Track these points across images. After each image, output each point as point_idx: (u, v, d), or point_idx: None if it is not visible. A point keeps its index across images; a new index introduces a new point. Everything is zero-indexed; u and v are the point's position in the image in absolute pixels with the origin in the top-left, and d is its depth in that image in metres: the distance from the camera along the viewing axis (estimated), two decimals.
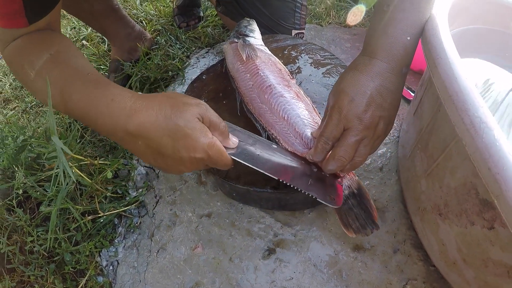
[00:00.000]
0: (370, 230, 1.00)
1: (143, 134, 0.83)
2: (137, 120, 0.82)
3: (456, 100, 0.75)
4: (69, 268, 1.25)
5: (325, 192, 1.00)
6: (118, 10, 1.73)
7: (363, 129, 0.90)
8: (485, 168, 0.67)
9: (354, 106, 0.89)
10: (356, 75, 0.93)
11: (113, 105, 0.84)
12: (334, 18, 2.12)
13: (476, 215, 0.82)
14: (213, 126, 0.89)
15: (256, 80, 1.22)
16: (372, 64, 0.92)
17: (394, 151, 1.42)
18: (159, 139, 0.83)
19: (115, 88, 0.89)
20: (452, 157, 0.88)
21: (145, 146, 0.86)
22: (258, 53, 1.29)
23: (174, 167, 0.90)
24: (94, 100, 0.87)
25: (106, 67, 1.92)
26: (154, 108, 0.83)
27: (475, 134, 0.69)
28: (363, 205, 1.03)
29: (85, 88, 0.89)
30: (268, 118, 1.15)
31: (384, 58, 0.92)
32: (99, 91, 0.88)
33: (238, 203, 1.32)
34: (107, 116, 0.85)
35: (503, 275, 0.81)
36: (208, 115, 0.88)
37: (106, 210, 1.34)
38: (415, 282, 1.13)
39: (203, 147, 0.85)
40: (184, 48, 1.97)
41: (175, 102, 0.85)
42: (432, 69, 0.86)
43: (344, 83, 0.93)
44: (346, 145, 0.91)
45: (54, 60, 0.95)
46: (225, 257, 1.22)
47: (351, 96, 0.90)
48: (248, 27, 1.43)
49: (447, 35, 0.89)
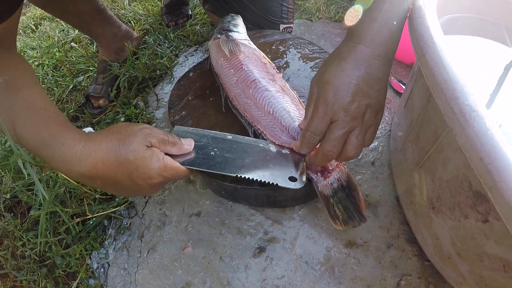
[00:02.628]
0: (358, 222, 0.98)
1: (99, 175, 0.85)
2: (89, 163, 0.84)
3: (445, 88, 0.73)
4: (60, 271, 1.24)
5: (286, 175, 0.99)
6: (103, 10, 1.71)
7: (350, 121, 0.87)
8: (477, 159, 0.65)
9: (340, 98, 0.87)
10: (340, 64, 0.89)
11: (64, 150, 0.85)
12: (324, 13, 2.11)
13: (469, 208, 0.80)
14: (163, 143, 0.92)
15: (240, 75, 1.20)
16: (357, 50, 0.89)
17: (386, 145, 1.41)
18: (114, 176, 0.86)
19: (65, 131, 0.88)
20: (444, 149, 0.87)
21: (103, 184, 0.88)
22: (241, 48, 1.27)
23: (137, 193, 0.96)
24: (45, 144, 0.86)
25: (95, 68, 1.90)
26: (103, 148, 0.85)
27: (466, 123, 0.68)
28: (351, 197, 1.01)
29: (37, 128, 0.88)
30: (253, 113, 1.14)
31: (370, 43, 0.89)
32: (50, 133, 0.87)
33: (228, 201, 1.31)
34: (59, 160, 0.86)
35: (498, 269, 0.79)
36: (154, 135, 0.90)
37: (95, 212, 1.33)
38: (410, 277, 1.12)
39: (157, 172, 0.88)
40: (173, 46, 1.97)
41: (121, 137, 0.87)
42: (420, 58, 0.84)
43: (328, 73, 0.90)
44: (334, 139, 0.89)
45: (7, 87, 0.92)
46: (216, 256, 1.21)
47: (336, 87, 0.87)
48: (232, 22, 1.42)
49: (435, 23, 0.87)
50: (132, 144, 0.86)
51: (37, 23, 2.41)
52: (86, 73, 1.91)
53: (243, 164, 1.00)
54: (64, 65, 1.95)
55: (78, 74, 1.91)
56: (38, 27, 2.36)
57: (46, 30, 2.28)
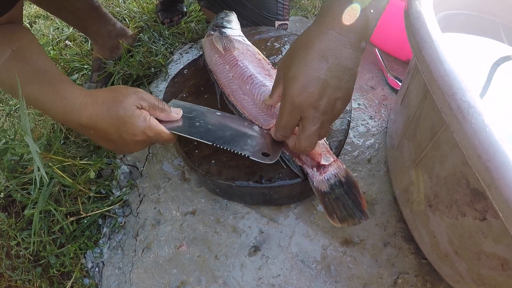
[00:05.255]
0: (358, 220, 0.97)
1: (92, 126, 0.96)
2: (86, 114, 0.95)
3: (442, 84, 0.73)
4: (54, 271, 1.23)
5: (260, 150, 1.03)
6: (98, 8, 1.71)
7: (321, 116, 0.87)
8: (475, 156, 0.64)
9: (308, 95, 0.85)
10: (307, 55, 0.85)
11: (65, 103, 0.97)
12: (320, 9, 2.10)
13: (467, 206, 0.80)
14: (152, 108, 1.01)
15: (236, 71, 1.20)
16: (326, 37, 0.85)
17: (382, 142, 1.40)
18: (105, 128, 0.97)
19: (67, 87, 1.00)
20: (441, 146, 0.86)
21: (96, 134, 0.99)
22: (235, 44, 1.27)
23: (123, 149, 1.04)
24: (49, 100, 0.99)
25: (90, 66, 1.89)
26: (99, 102, 0.96)
27: (463, 119, 0.67)
28: (351, 194, 1.00)
29: (42, 87, 1.00)
30: (250, 109, 1.14)
31: (342, 30, 0.84)
32: (53, 91, 0.99)
33: (223, 199, 1.31)
34: (61, 112, 0.97)
35: (497, 268, 0.79)
36: (146, 99, 1.00)
37: (90, 211, 1.32)
38: (407, 275, 1.11)
39: (142, 130, 0.97)
40: (168, 44, 1.95)
41: (116, 95, 0.98)
42: (417, 53, 0.84)
43: (295, 67, 0.87)
44: (308, 136, 0.90)
45: (16, 57, 1.04)
46: (211, 255, 1.20)
47: (303, 83, 0.85)
48: (225, 19, 1.41)
49: (432, 18, 0.87)
50: (124, 102, 0.96)
51: (32, 21, 2.39)
52: (81, 71, 1.90)
53: (223, 135, 1.06)
54: (58, 63, 1.94)
55: (73, 72, 1.90)
56: (33, 26, 2.34)
57: (40, 28, 2.27)
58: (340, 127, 1.17)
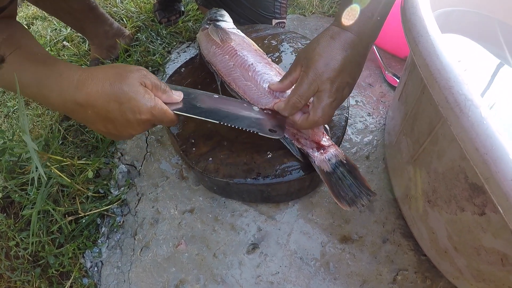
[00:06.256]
0: (366, 199, 1.00)
1: (91, 103, 0.90)
2: (84, 90, 0.90)
3: (438, 78, 0.72)
4: (53, 271, 1.23)
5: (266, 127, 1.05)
6: (95, 8, 1.72)
7: (335, 92, 0.98)
8: (473, 149, 0.64)
9: (329, 70, 0.96)
10: (331, 42, 0.99)
11: (61, 80, 0.91)
12: (318, 7, 2.10)
13: (465, 200, 0.79)
14: (155, 88, 0.97)
15: (237, 60, 1.22)
16: (345, 35, 0.98)
17: (380, 139, 1.40)
18: (106, 105, 0.91)
19: (62, 64, 0.95)
20: (439, 141, 0.86)
21: (95, 114, 0.93)
22: (231, 36, 1.30)
23: (123, 131, 0.98)
24: (43, 78, 0.93)
25: (87, 66, 1.88)
26: (99, 77, 0.90)
27: (460, 113, 0.67)
28: (353, 173, 1.03)
29: (35, 68, 0.95)
30: (253, 94, 1.16)
31: (356, 32, 0.98)
32: (47, 69, 0.94)
33: (221, 197, 1.31)
34: (57, 91, 0.92)
35: (496, 263, 0.78)
36: (150, 78, 0.96)
37: (88, 210, 1.32)
38: (406, 272, 1.11)
39: (147, 107, 0.93)
40: (165, 43, 1.95)
41: (118, 71, 0.93)
42: (413, 48, 0.83)
43: (320, 48, 0.99)
44: (324, 107, 0.98)
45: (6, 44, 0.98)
46: (209, 253, 1.20)
47: (327, 60, 0.97)
48: (218, 13, 1.44)
49: (428, 12, 0.87)
50: (129, 78, 0.91)
51: (29, 22, 2.39)
52: None
53: (227, 115, 1.06)
54: None
55: None
56: (31, 27, 2.34)
57: (38, 29, 2.27)
58: (338, 123, 1.18)
